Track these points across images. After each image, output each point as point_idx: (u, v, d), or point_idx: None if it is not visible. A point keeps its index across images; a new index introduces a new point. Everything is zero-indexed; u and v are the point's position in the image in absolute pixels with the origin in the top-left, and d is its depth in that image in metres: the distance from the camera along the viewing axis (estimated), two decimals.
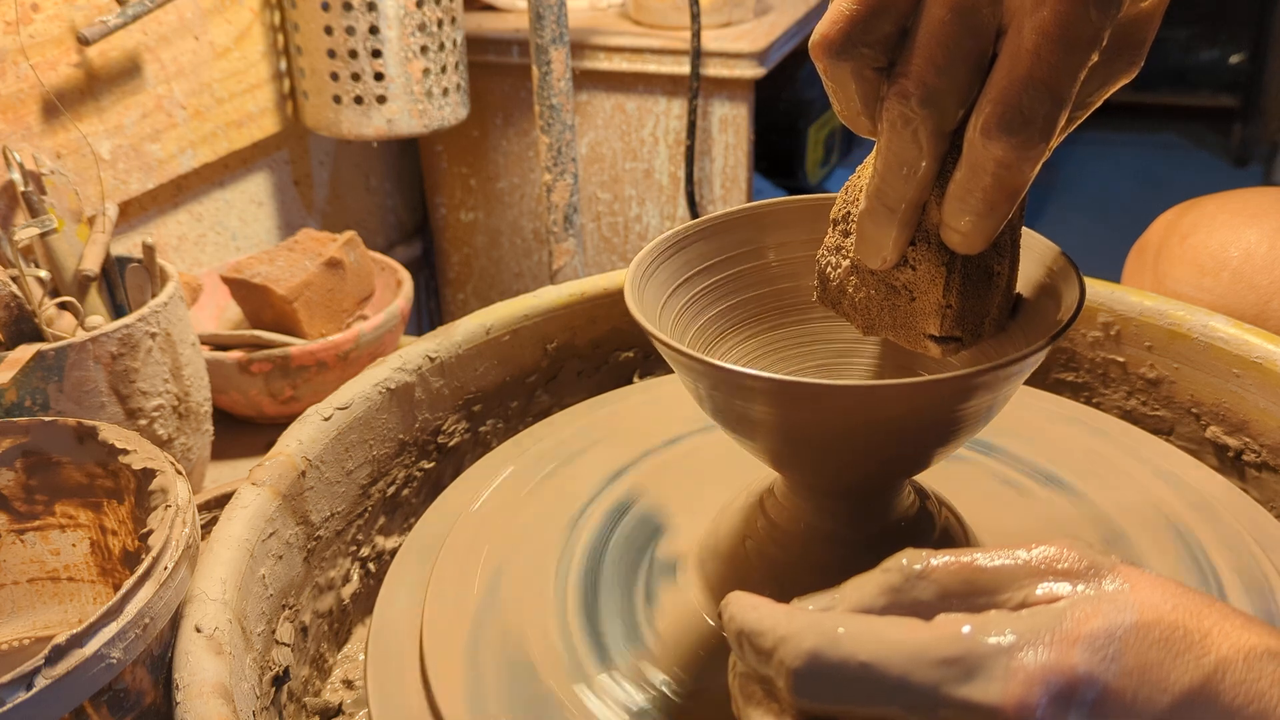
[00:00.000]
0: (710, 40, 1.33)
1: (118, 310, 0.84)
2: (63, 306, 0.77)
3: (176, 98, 1.09)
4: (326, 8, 1.13)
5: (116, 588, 0.60)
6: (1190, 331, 0.63)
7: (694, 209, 1.40)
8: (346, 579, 0.60)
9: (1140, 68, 0.40)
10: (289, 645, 0.52)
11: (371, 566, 0.62)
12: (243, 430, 0.97)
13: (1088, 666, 0.30)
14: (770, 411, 0.40)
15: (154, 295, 0.79)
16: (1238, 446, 0.62)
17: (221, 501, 0.72)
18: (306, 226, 1.25)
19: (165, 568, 0.46)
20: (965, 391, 0.39)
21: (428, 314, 1.68)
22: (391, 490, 0.63)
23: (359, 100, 1.16)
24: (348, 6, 1.12)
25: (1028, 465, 0.58)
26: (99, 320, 0.77)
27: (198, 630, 0.45)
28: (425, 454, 0.65)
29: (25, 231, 0.77)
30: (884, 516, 0.47)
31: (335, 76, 1.16)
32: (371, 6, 1.12)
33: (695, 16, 1.27)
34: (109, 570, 0.60)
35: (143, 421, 0.73)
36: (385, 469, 0.62)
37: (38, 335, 0.73)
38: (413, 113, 1.18)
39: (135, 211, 1.11)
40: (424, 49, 1.16)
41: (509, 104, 1.46)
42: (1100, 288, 0.66)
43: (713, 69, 1.34)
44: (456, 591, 0.51)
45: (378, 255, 1.08)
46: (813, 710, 0.32)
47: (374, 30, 1.13)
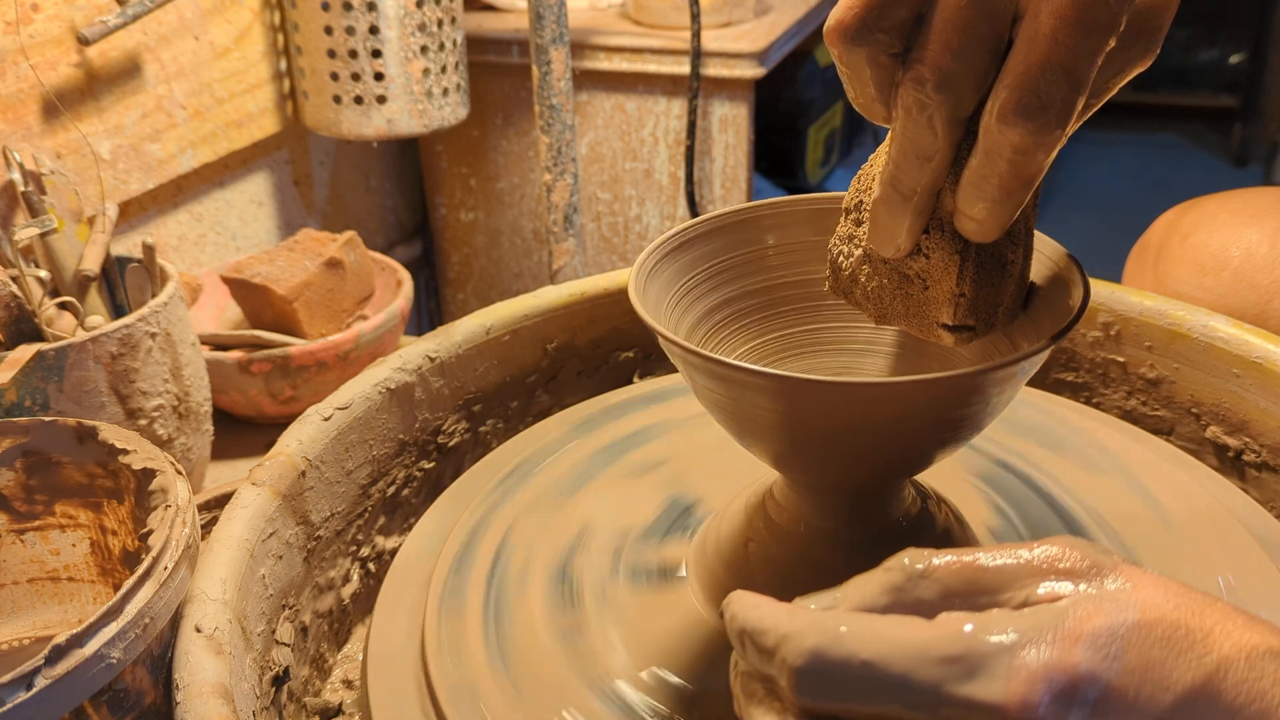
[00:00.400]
0: (710, 40, 1.33)
1: (118, 310, 0.84)
2: (63, 306, 0.77)
3: (176, 98, 1.09)
4: (326, 8, 1.13)
5: (116, 588, 0.60)
6: (1190, 331, 0.63)
7: (694, 209, 1.40)
8: (346, 579, 0.60)
9: (1155, 55, 0.40)
10: (289, 645, 0.52)
11: (371, 566, 0.62)
12: (243, 430, 0.97)
13: (1090, 665, 0.30)
14: (774, 408, 0.41)
15: (154, 295, 0.79)
16: (1238, 446, 0.62)
17: (221, 501, 0.72)
18: (306, 226, 1.25)
19: (165, 568, 0.46)
20: (966, 390, 0.39)
21: (428, 314, 1.68)
22: (391, 490, 0.63)
23: (359, 100, 1.16)
24: (348, 6, 1.12)
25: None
26: (99, 320, 0.77)
27: (198, 630, 0.45)
28: (425, 454, 0.65)
29: (25, 231, 0.77)
30: (885, 516, 0.47)
31: (335, 76, 1.16)
32: (371, 6, 1.12)
33: (695, 16, 1.27)
34: (109, 570, 0.60)
35: (143, 421, 0.73)
36: (385, 469, 0.62)
37: (38, 335, 0.73)
38: (413, 113, 1.18)
39: (135, 211, 1.11)
40: (424, 49, 1.16)
41: (509, 104, 1.46)
42: (1100, 288, 0.66)
43: (713, 69, 1.34)
44: (456, 592, 0.51)
45: (378, 255, 1.08)
46: (815, 709, 0.32)
47: (374, 30, 1.13)
